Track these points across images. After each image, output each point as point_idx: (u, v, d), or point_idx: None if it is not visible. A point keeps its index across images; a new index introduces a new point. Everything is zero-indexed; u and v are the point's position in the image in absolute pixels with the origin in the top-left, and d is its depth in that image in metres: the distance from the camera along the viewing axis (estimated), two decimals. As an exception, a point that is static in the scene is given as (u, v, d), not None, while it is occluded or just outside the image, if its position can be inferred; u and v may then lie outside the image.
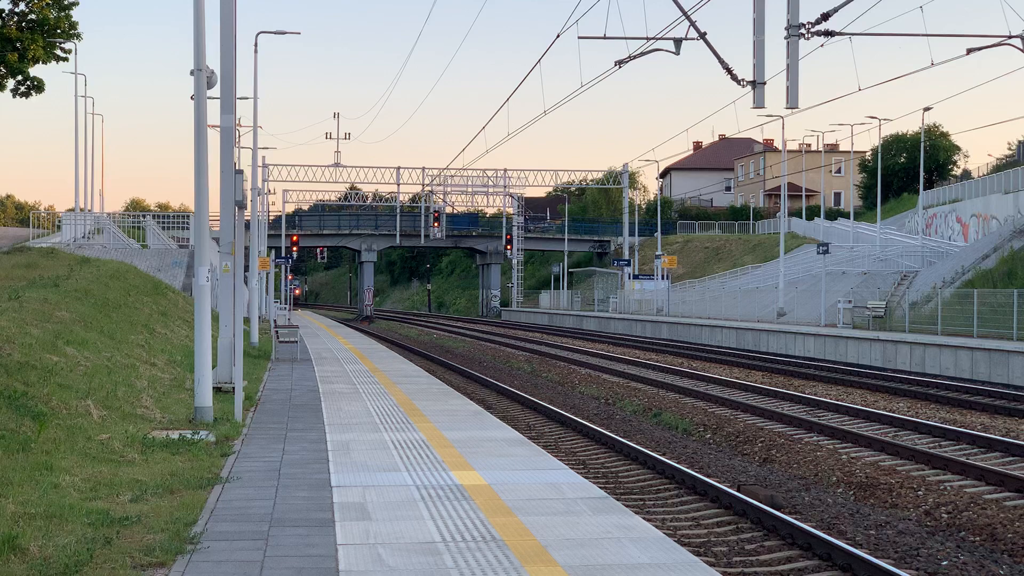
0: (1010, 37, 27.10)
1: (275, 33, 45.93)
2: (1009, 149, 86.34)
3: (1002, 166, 77.82)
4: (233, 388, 19.37)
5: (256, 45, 44.86)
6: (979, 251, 53.12)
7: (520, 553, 9.45)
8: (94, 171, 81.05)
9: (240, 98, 44.22)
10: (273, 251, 74.65)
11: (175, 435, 15.77)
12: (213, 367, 19.62)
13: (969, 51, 28.07)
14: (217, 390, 20.09)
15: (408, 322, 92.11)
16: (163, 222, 61.54)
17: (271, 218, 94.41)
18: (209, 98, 18.89)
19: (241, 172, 21.44)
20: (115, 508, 10.99)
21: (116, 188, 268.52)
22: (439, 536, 10.03)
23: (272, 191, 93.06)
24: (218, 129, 20.83)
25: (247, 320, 41.46)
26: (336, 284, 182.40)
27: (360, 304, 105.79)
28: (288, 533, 10.12)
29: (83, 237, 53.51)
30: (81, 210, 60.55)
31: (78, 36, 30.70)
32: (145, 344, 25.96)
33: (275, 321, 52.04)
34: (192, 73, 18.36)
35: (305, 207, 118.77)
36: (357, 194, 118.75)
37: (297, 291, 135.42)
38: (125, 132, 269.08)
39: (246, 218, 37.75)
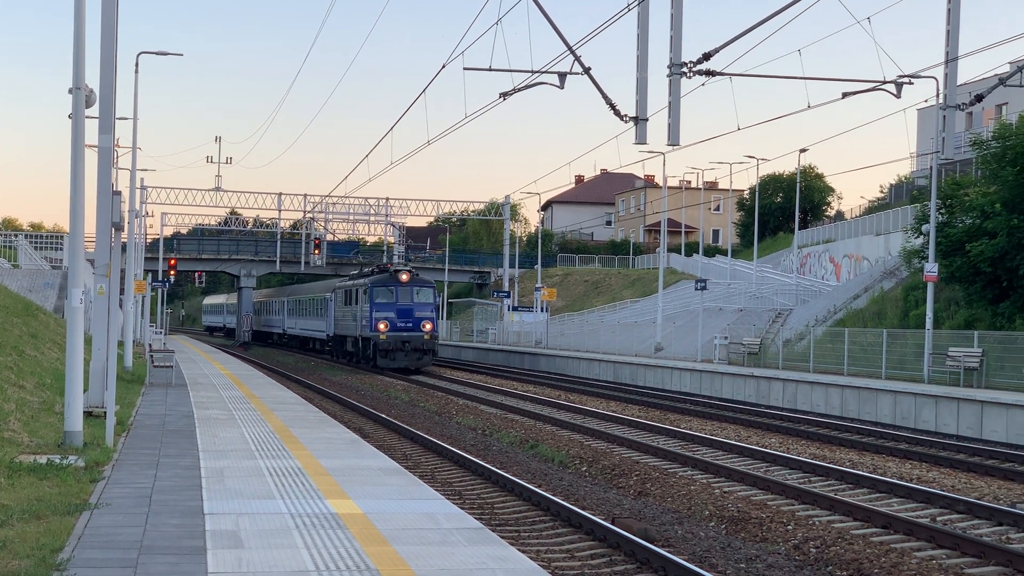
0: (884, 82, 27.80)
1: (157, 54, 45.28)
2: (881, 192, 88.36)
3: (874, 208, 79.56)
4: (105, 412, 18.99)
5: (137, 65, 44.42)
6: (851, 291, 54.31)
7: (394, 583, 9.40)
8: (-35, 188, 79.18)
9: (119, 118, 43.56)
10: (150, 274, 73.44)
11: (43, 460, 15.42)
12: (84, 391, 19.24)
13: (845, 95, 28.74)
14: (88, 414, 19.69)
15: (286, 348, 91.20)
16: (36, 242, 60.38)
17: (149, 241, 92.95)
18: (88, 117, 18.58)
19: (119, 193, 21.12)
20: (-22, 534, 10.72)
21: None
22: (313, 565, 9.94)
23: (150, 213, 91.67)
24: (96, 149, 20.51)
25: (121, 344, 40.75)
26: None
27: (238, 329, 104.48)
28: (158, 561, 9.95)
29: (-49, 255, 52.24)
30: (-50, 227, 59.00)
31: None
32: (14, 366, 25.34)
33: (150, 345, 51.19)
34: (71, 91, 18.06)
35: (184, 231, 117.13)
36: (237, 219, 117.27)
37: None
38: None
39: (123, 240, 37.14)
